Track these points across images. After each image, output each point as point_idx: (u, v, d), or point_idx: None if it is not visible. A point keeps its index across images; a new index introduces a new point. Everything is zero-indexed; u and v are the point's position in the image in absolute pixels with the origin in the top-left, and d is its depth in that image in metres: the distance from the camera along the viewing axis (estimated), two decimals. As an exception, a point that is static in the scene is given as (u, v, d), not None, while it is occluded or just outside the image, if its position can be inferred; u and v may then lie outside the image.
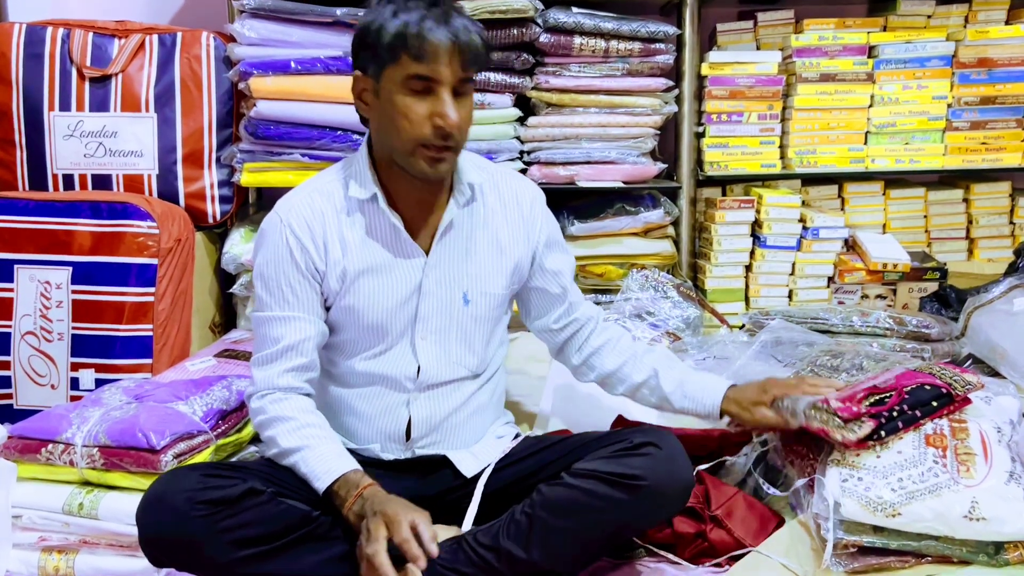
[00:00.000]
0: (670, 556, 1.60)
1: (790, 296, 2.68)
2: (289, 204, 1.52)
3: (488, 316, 1.59)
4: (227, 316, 2.57)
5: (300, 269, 1.49)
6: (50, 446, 1.64)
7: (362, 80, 1.45)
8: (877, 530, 1.48)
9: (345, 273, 1.50)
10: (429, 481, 1.57)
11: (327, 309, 1.53)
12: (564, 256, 1.69)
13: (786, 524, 1.63)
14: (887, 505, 1.47)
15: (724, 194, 2.80)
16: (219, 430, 1.76)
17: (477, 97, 2.48)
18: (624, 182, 2.59)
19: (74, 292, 2.20)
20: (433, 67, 1.36)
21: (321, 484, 1.40)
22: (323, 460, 1.41)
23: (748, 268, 2.69)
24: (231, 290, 2.46)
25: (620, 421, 1.86)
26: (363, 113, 1.50)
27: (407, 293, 1.52)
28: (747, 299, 2.68)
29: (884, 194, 2.79)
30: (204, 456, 1.70)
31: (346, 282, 1.51)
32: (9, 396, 2.23)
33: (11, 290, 2.21)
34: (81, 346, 2.20)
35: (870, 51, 2.69)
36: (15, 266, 2.21)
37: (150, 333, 2.22)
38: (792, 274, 2.67)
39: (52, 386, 2.21)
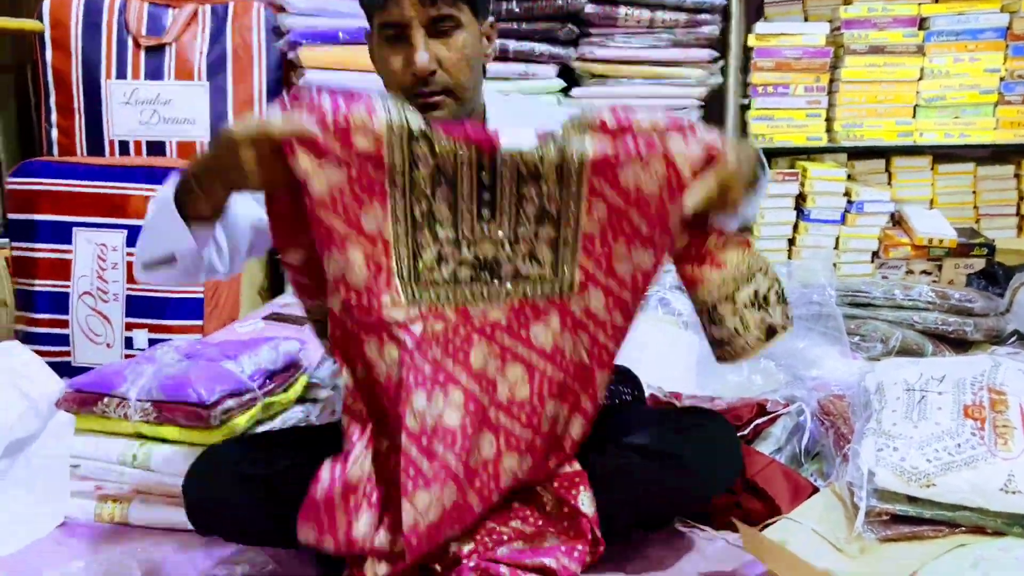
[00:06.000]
0: (700, 526, 1.62)
1: (835, 271, 2.67)
2: None
3: None
4: (274, 281, 2.64)
5: None
6: (106, 400, 1.69)
7: (367, 37, 1.44)
8: (911, 500, 1.48)
9: None
10: None
11: None
12: None
13: (819, 492, 1.64)
14: (922, 475, 1.47)
15: (769, 167, 2.78)
16: (266, 389, 1.81)
17: (521, 68, 2.49)
18: (668, 154, 2.59)
19: (129, 255, 2.27)
20: (392, 11, 1.32)
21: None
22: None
23: (791, 242, 2.68)
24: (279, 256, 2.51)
25: (653, 399, 1.88)
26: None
27: None
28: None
29: (932, 169, 2.76)
30: (251, 413, 1.75)
31: None
32: (67, 354, 2.31)
33: (70, 252, 2.29)
34: (135, 307, 2.28)
35: (921, 23, 2.64)
36: (73, 228, 2.29)
37: (201, 296, 2.28)
38: (836, 248, 2.65)
39: (108, 345, 2.29)
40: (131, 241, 2.27)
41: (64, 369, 2.26)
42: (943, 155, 2.80)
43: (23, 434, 1.82)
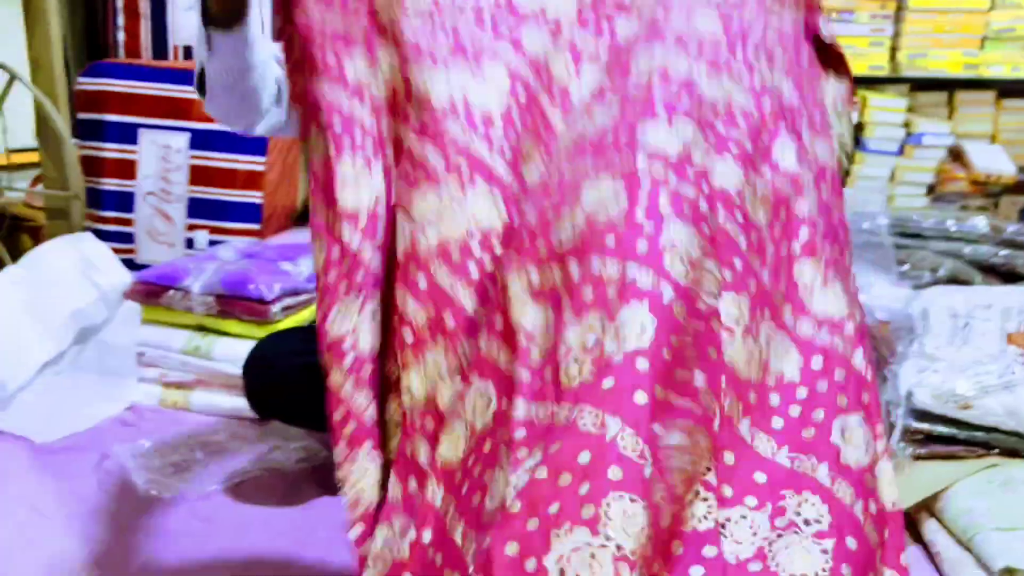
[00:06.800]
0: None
1: (888, 203, 2.65)
2: None
3: None
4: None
5: None
6: (171, 292, 1.77)
7: None
8: (947, 420, 1.51)
9: None
10: None
11: None
12: None
13: (857, 411, 1.67)
14: (960, 398, 1.49)
15: (827, 95, 2.75)
16: (322, 290, 1.87)
17: None
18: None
19: (192, 157, 2.33)
20: None
21: None
22: None
23: (846, 172, 2.66)
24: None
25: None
26: None
27: None
28: (842, 203, 2.66)
29: (996, 104, 2.70)
30: (307, 312, 1.82)
31: None
32: (131, 251, 2.39)
33: (135, 152, 2.36)
34: (197, 208, 2.35)
35: (996, -51, 2.57)
36: (139, 130, 2.35)
37: (260, 200, 2.34)
38: (892, 180, 2.63)
39: (170, 244, 2.37)
40: (194, 143, 2.33)
41: (128, 266, 2.35)
42: (1009, 90, 2.74)
43: (93, 321, 1.92)
